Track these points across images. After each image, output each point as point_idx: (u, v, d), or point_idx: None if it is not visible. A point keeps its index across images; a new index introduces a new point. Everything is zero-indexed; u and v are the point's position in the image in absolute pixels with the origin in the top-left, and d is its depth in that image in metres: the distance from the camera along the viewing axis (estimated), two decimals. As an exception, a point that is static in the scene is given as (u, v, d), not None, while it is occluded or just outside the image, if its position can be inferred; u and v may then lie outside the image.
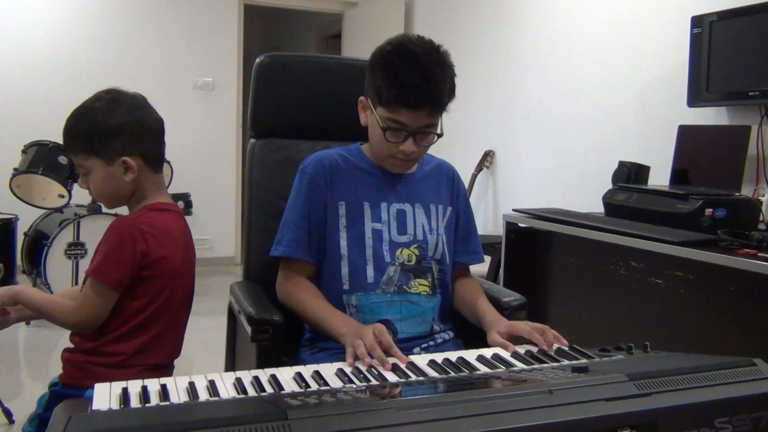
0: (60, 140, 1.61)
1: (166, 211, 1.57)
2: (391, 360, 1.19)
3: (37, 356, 3.50)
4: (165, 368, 1.59)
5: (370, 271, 1.51)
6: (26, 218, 4.36)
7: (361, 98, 1.55)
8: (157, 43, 5.54)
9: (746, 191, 2.60)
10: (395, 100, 1.43)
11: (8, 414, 2.61)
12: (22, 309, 1.54)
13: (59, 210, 4.24)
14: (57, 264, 3.96)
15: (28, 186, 4.13)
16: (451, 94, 1.49)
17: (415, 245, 1.55)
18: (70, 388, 1.51)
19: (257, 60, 1.83)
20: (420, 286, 1.54)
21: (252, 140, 1.87)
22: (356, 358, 1.21)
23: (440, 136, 1.51)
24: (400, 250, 1.54)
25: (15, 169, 4.04)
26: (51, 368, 3.27)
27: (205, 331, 2.95)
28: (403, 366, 1.16)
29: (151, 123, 1.54)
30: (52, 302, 1.52)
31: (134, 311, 1.49)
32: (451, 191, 1.67)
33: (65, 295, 1.67)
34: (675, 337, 2.29)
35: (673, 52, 3.11)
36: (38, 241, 4.11)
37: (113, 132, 1.48)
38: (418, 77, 1.41)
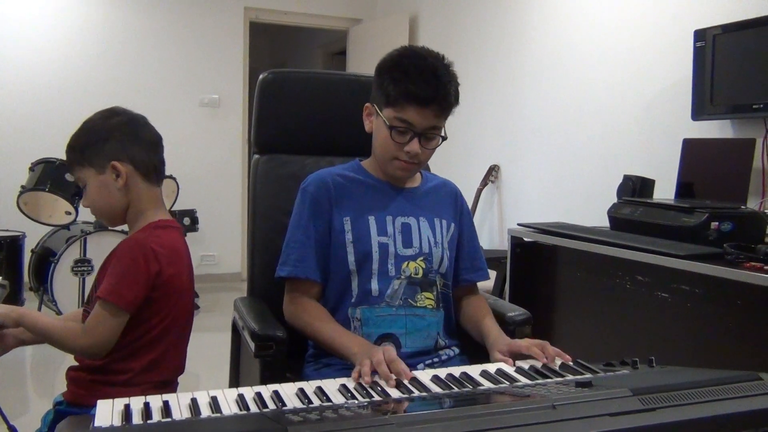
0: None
1: (170, 228, 1.57)
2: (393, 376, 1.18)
3: (42, 373, 3.50)
4: (169, 385, 1.58)
5: (374, 285, 1.51)
6: (33, 235, 4.38)
7: (367, 105, 1.57)
8: (164, 61, 5.59)
9: (752, 204, 2.59)
10: (404, 97, 1.45)
11: (13, 431, 2.60)
12: (20, 333, 1.52)
13: (66, 227, 4.26)
14: (64, 281, 3.97)
15: (35, 203, 4.15)
16: (456, 97, 1.51)
17: (422, 258, 1.55)
18: (74, 407, 1.50)
19: (260, 76, 1.85)
20: (426, 299, 1.54)
21: (256, 156, 1.87)
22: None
23: (444, 139, 1.53)
24: (406, 263, 1.53)
25: (22, 187, 4.07)
26: (57, 385, 3.26)
27: (211, 347, 2.95)
28: (406, 382, 1.16)
29: (143, 133, 1.55)
30: (60, 326, 1.49)
31: (144, 330, 1.48)
32: (454, 208, 1.67)
33: (67, 317, 1.66)
34: (681, 351, 2.27)
35: (676, 65, 3.11)
36: (45, 258, 4.13)
37: (103, 138, 1.51)
38: (427, 74, 1.45)
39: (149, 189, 1.56)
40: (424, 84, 1.44)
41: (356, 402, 1.04)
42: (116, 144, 1.51)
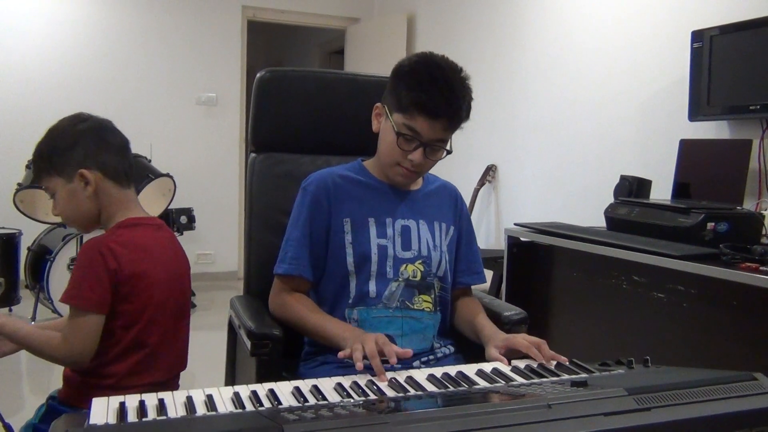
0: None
1: (139, 226, 1.53)
2: (389, 375, 1.18)
3: (38, 371, 3.49)
4: (166, 384, 1.56)
5: (372, 286, 1.51)
6: (30, 233, 4.37)
7: (377, 105, 1.57)
8: (161, 59, 5.58)
9: (748, 205, 2.60)
10: (415, 105, 1.44)
11: (9, 429, 2.60)
12: (1, 344, 1.48)
13: (62, 225, 4.25)
14: (60, 279, 3.96)
15: (31, 201, 4.14)
16: (467, 113, 1.50)
17: (420, 261, 1.55)
18: (65, 406, 1.49)
19: (258, 75, 1.84)
20: (424, 302, 1.54)
21: (252, 155, 1.87)
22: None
23: (449, 152, 1.53)
24: (404, 265, 1.53)
25: (19, 185, 4.06)
26: (52, 383, 3.25)
27: (208, 345, 2.94)
28: (402, 380, 1.16)
29: (110, 138, 1.52)
30: (40, 336, 1.44)
31: (121, 331, 1.45)
32: (454, 211, 1.67)
33: (53, 326, 1.61)
34: (677, 351, 2.27)
35: (673, 66, 3.12)
36: (41, 256, 4.12)
37: (70, 145, 1.47)
38: (442, 87, 1.44)
39: (120, 192, 1.52)
40: (437, 96, 1.43)
41: (352, 401, 1.04)
42: (84, 151, 1.47)
